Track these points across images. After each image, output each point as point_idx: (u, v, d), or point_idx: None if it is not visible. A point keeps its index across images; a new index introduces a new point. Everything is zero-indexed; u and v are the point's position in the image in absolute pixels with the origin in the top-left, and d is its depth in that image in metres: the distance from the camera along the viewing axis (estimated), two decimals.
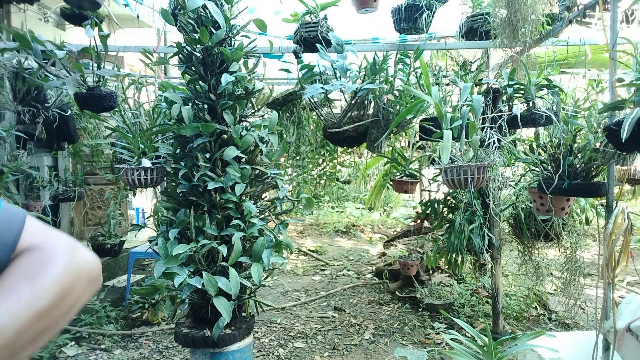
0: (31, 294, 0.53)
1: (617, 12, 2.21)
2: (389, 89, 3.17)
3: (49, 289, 0.54)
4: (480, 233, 3.37)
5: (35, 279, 0.54)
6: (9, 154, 2.96)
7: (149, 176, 2.60)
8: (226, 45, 2.37)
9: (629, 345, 2.12)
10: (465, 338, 1.94)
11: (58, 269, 0.56)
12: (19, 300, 0.52)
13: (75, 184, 4.37)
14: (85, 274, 0.59)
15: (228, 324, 2.24)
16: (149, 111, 3.14)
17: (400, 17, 3.33)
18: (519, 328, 3.77)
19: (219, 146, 2.32)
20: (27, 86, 2.90)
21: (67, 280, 0.57)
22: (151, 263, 5.57)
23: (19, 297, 0.52)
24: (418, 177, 3.83)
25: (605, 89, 2.77)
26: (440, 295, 4.36)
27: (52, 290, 0.55)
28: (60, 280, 0.56)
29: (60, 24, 5.87)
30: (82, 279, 0.59)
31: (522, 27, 2.79)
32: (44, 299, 0.54)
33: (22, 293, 0.52)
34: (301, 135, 3.93)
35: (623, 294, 4.55)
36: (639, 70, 1.91)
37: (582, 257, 3.17)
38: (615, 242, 1.95)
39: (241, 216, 2.33)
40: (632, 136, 1.71)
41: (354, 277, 5.50)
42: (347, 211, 9.30)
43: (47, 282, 0.54)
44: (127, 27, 6.19)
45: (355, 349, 3.48)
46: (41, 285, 0.54)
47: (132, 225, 2.94)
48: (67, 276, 0.57)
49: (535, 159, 2.72)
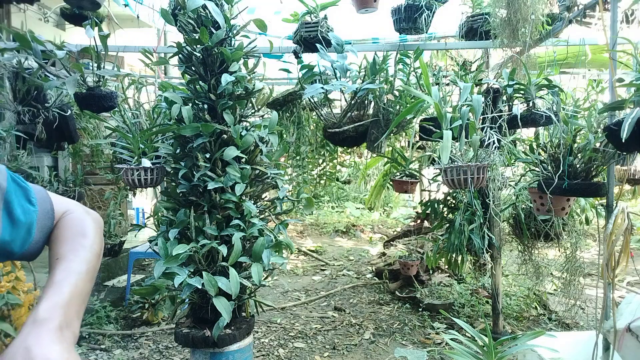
0: (89, 243, 0.76)
1: (617, 12, 2.21)
2: (389, 89, 3.17)
3: (95, 235, 0.79)
4: (480, 233, 3.37)
5: (85, 234, 0.78)
6: (9, 154, 2.96)
7: (149, 176, 2.59)
8: (226, 45, 2.36)
9: (629, 345, 2.12)
10: (465, 338, 1.94)
11: (91, 224, 0.81)
12: (85, 248, 0.74)
13: (75, 184, 4.36)
14: (99, 223, 0.85)
15: (228, 324, 2.24)
16: (149, 111, 3.13)
17: (400, 17, 3.33)
18: (519, 328, 3.77)
19: (219, 146, 2.32)
20: (27, 86, 2.90)
21: (97, 229, 0.82)
22: (151, 263, 5.57)
23: (84, 246, 0.74)
24: (418, 177, 3.83)
25: (605, 89, 2.77)
26: (440, 295, 4.36)
27: (97, 236, 0.79)
28: (95, 230, 0.80)
29: (60, 24, 5.87)
30: (100, 226, 0.85)
31: (522, 27, 2.79)
32: (97, 243, 0.77)
33: (85, 243, 0.75)
34: (301, 135, 3.93)
35: (623, 294, 4.55)
36: (639, 70, 1.91)
37: (582, 257, 3.17)
38: (615, 242, 1.95)
39: (241, 216, 2.33)
40: (632, 136, 1.71)
41: (354, 277, 5.50)
42: (347, 211, 9.30)
43: (92, 233, 0.78)
44: (127, 27, 6.19)
45: (355, 349, 3.48)
46: (90, 235, 0.78)
47: (132, 225, 2.93)
48: (95, 226, 0.82)
49: (535, 159, 2.72)
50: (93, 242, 0.77)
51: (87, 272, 0.72)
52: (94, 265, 0.74)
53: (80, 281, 0.69)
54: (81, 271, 0.70)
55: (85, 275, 0.71)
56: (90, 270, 0.73)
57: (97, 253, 0.77)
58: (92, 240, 0.77)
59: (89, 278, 0.72)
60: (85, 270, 0.71)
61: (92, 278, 0.73)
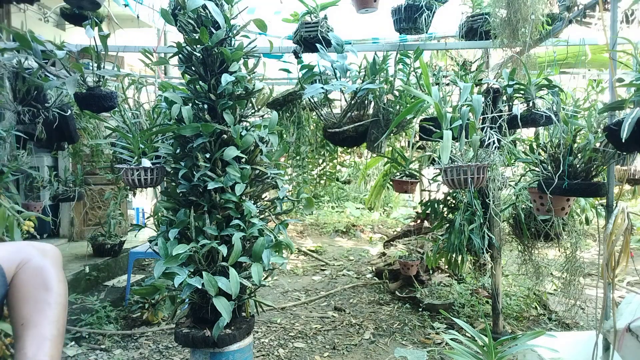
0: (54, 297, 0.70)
1: (617, 12, 2.21)
2: (389, 89, 3.17)
3: (58, 283, 0.72)
4: (480, 233, 3.37)
5: (47, 286, 0.70)
6: (9, 154, 2.96)
7: (149, 176, 2.59)
8: (226, 45, 2.37)
9: (629, 345, 2.12)
10: (465, 338, 1.94)
11: (51, 270, 0.73)
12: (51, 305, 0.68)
13: (75, 184, 4.37)
14: (58, 261, 0.78)
15: (228, 324, 2.24)
16: (149, 111, 3.13)
17: (400, 17, 3.33)
18: (519, 328, 3.77)
19: (219, 146, 2.32)
20: (27, 86, 2.90)
21: (58, 272, 0.74)
22: (151, 263, 5.57)
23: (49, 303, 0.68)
24: (418, 177, 3.83)
25: (605, 89, 2.76)
26: (440, 295, 4.36)
27: (60, 284, 0.72)
28: (57, 276, 0.73)
29: (60, 24, 5.87)
30: (59, 264, 0.77)
31: (522, 27, 2.79)
32: (61, 295, 0.71)
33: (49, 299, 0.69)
34: (301, 135, 3.93)
35: (623, 294, 4.55)
36: (639, 70, 1.91)
37: (582, 257, 3.17)
38: (615, 242, 1.95)
39: (241, 216, 2.33)
40: (632, 136, 1.71)
41: (354, 277, 5.50)
42: (347, 211, 9.30)
43: (54, 282, 0.71)
44: (127, 27, 6.19)
45: (355, 349, 3.48)
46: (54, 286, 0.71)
47: (132, 225, 2.94)
48: (56, 271, 0.74)
49: (535, 159, 2.72)
50: (57, 295, 0.71)
51: (58, 335, 0.68)
52: (62, 322, 0.69)
53: (55, 349, 0.65)
54: (52, 336, 0.66)
55: (57, 339, 0.67)
56: (61, 330, 0.68)
57: (63, 305, 0.71)
58: (56, 293, 0.71)
59: (60, 340, 0.68)
60: (57, 334, 0.67)
61: (62, 336, 0.69)
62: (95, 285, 4.63)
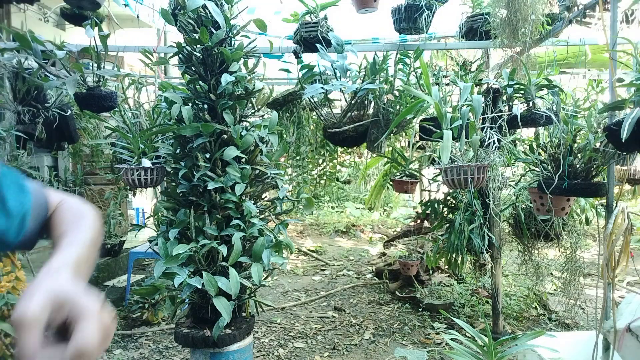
0: (89, 221, 0.77)
1: (617, 12, 2.21)
2: (389, 89, 3.17)
3: (94, 216, 0.80)
4: (480, 233, 3.37)
5: (83, 215, 0.79)
6: (9, 154, 2.96)
7: (149, 176, 2.60)
8: (226, 45, 2.37)
9: (629, 345, 2.12)
10: (465, 338, 1.94)
11: (88, 208, 0.83)
12: (86, 224, 0.76)
13: (75, 184, 4.37)
14: (95, 211, 0.85)
15: (228, 324, 2.24)
16: (149, 111, 3.13)
17: (400, 17, 3.33)
18: (519, 328, 3.77)
19: (219, 146, 2.32)
20: (27, 86, 2.90)
21: (94, 214, 0.82)
22: (151, 263, 5.57)
23: (85, 224, 0.76)
24: (418, 177, 3.83)
25: (605, 89, 2.77)
26: (440, 295, 4.36)
27: (95, 218, 0.80)
28: (93, 212, 0.81)
29: (60, 24, 5.87)
30: (96, 214, 0.84)
31: (522, 27, 2.79)
32: (96, 222, 0.79)
33: (85, 222, 0.77)
34: (301, 135, 3.93)
35: (623, 294, 4.54)
36: (639, 70, 1.91)
37: (582, 257, 3.17)
38: (615, 242, 1.95)
39: (241, 216, 2.33)
40: (632, 136, 1.71)
41: (354, 277, 5.50)
42: (347, 211, 9.30)
43: (90, 215, 0.80)
44: (127, 27, 6.19)
45: (355, 349, 3.48)
46: (89, 216, 0.79)
47: (132, 225, 2.93)
48: (93, 211, 0.83)
49: (535, 159, 2.72)
50: (93, 220, 0.79)
51: (91, 241, 0.73)
52: (96, 236, 0.76)
53: (85, 248, 0.70)
54: (85, 239, 0.72)
55: (89, 242, 0.72)
56: (94, 240, 0.74)
57: (98, 229, 0.78)
58: (91, 220, 0.78)
59: (93, 246, 0.73)
60: (90, 239, 0.73)
61: (96, 248, 0.74)
62: (95, 285, 4.63)
